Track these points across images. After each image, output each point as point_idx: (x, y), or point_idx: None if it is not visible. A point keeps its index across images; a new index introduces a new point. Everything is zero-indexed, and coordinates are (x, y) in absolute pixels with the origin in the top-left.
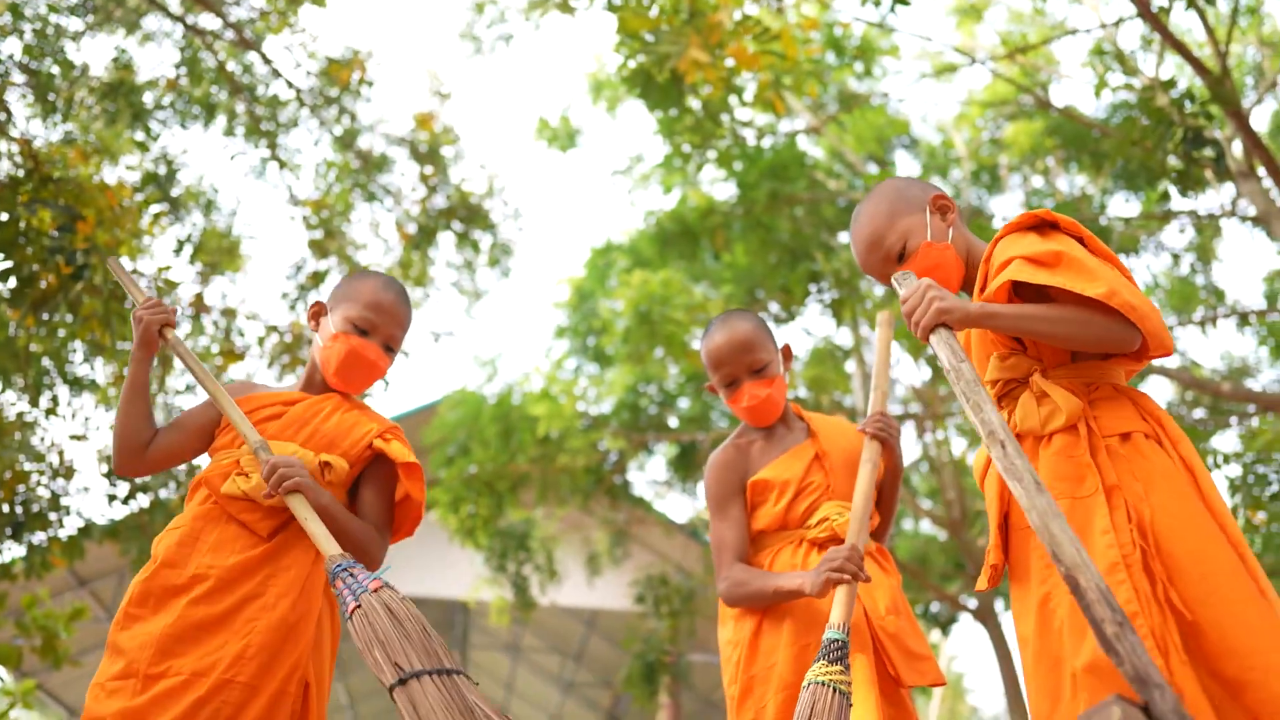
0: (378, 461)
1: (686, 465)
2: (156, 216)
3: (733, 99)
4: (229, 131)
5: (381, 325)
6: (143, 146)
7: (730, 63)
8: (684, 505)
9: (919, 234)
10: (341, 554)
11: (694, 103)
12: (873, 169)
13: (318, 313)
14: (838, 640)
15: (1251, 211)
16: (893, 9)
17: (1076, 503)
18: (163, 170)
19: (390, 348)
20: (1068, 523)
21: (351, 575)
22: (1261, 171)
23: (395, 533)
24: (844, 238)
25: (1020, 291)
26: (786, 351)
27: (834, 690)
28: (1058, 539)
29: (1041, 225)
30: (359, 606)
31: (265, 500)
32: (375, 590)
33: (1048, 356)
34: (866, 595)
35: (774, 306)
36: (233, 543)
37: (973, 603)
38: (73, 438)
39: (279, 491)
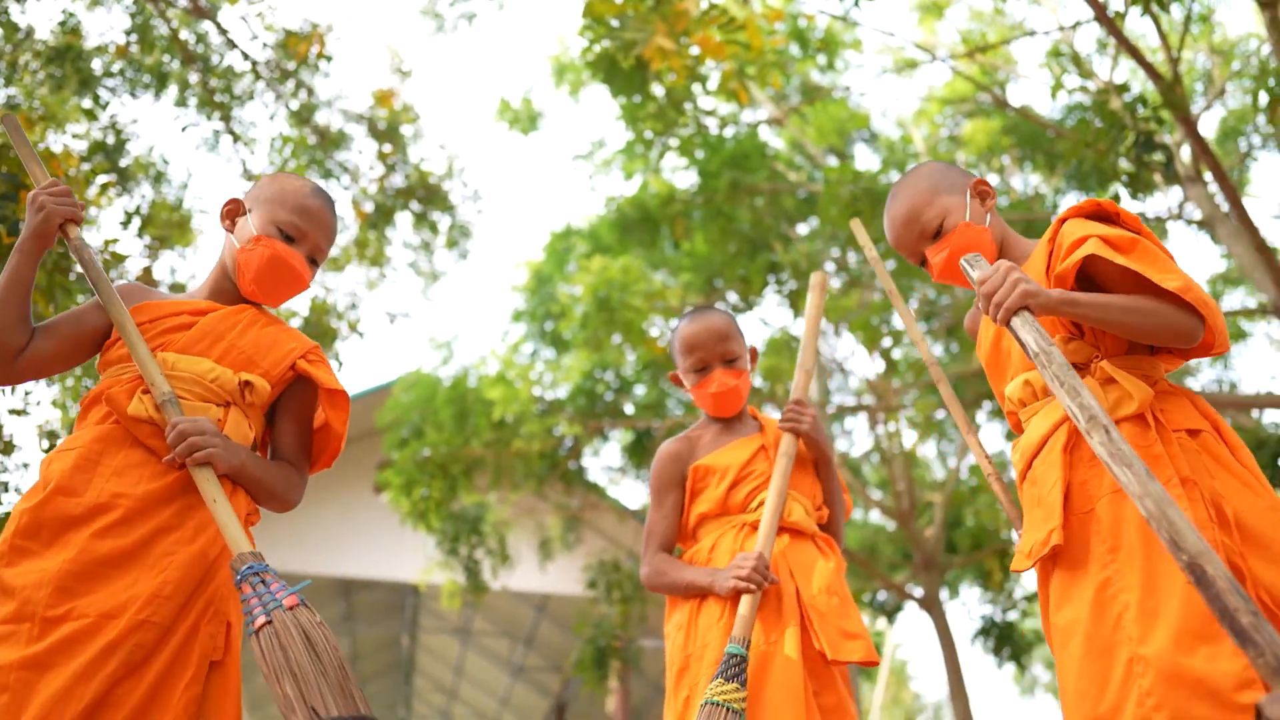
0: (297, 384)
1: (641, 452)
2: (104, 187)
3: (696, 87)
4: (181, 102)
5: (310, 233)
6: (90, 115)
7: (695, 51)
8: (638, 492)
9: (958, 214)
10: (252, 553)
11: (658, 90)
12: (833, 161)
13: (234, 211)
14: (736, 656)
15: (1197, 215)
16: (856, 3)
17: None
18: (111, 140)
19: (315, 260)
20: (1137, 513)
21: (263, 583)
22: (1208, 176)
23: (312, 465)
24: (803, 229)
25: (1085, 277)
26: (754, 353)
27: (727, 710)
28: (1178, 527)
29: (1103, 214)
30: (269, 623)
31: (165, 462)
32: (291, 608)
33: (1105, 345)
34: (802, 574)
35: (732, 296)
36: (139, 469)
37: (918, 591)
38: (12, 412)
39: (186, 462)
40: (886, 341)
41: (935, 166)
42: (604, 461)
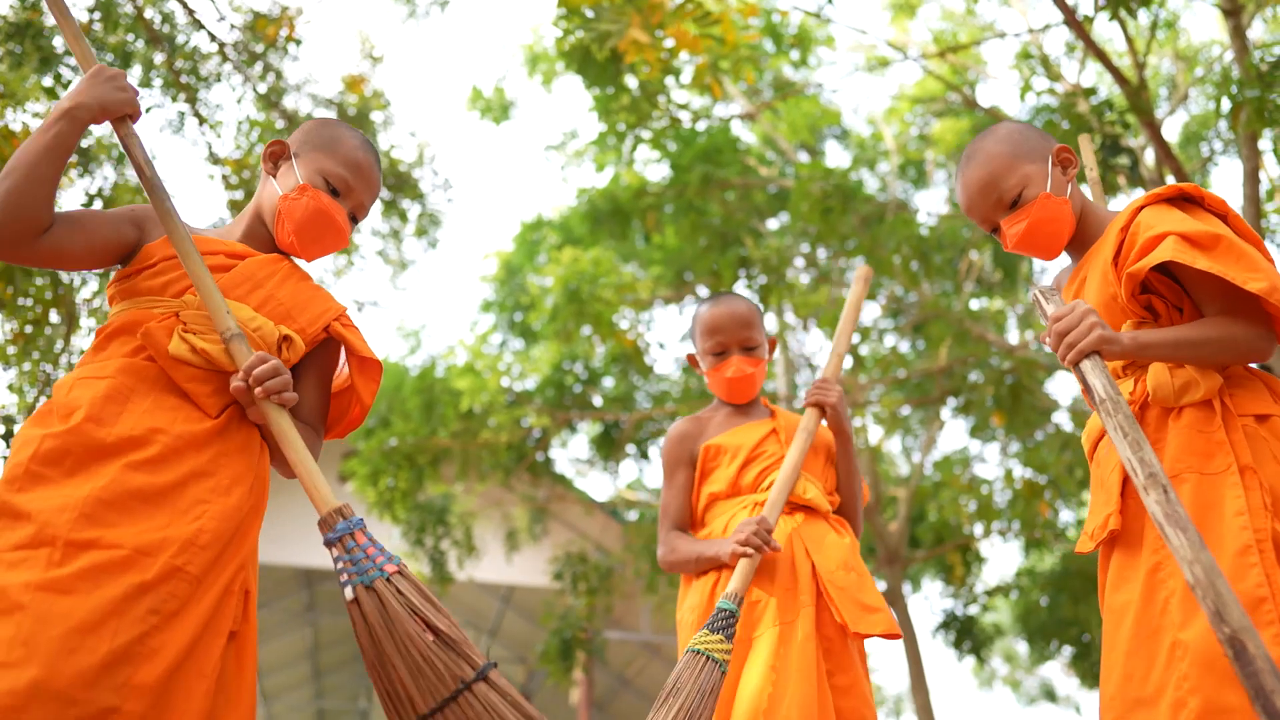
0: (324, 346)
1: (609, 444)
2: (65, 168)
3: (670, 80)
4: (145, 83)
5: (357, 189)
6: (51, 93)
7: (669, 44)
8: (605, 484)
9: (1039, 183)
10: (349, 508)
11: (631, 82)
12: (804, 157)
13: (278, 154)
14: (725, 610)
15: None
16: (830, 0)
17: (1204, 479)
18: None
19: (355, 218)
20: (1193, 499)
21: (370, 540)
22: (1170, 180)
23: (327, 431)
24: (774, 224)
25: (1162, 267)
26: (773, 342)
27: (707, 659)
28: (1224, 599)
29: (1186, 200)
30: (400, 571)
31: (235, 390)
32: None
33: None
34: (818, 552)
35: (702, 290)
36: (172, 413)
37: (882, 585)
38: None
39: (266, 399)
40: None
41: (1015, 129)
42: (571, 453)
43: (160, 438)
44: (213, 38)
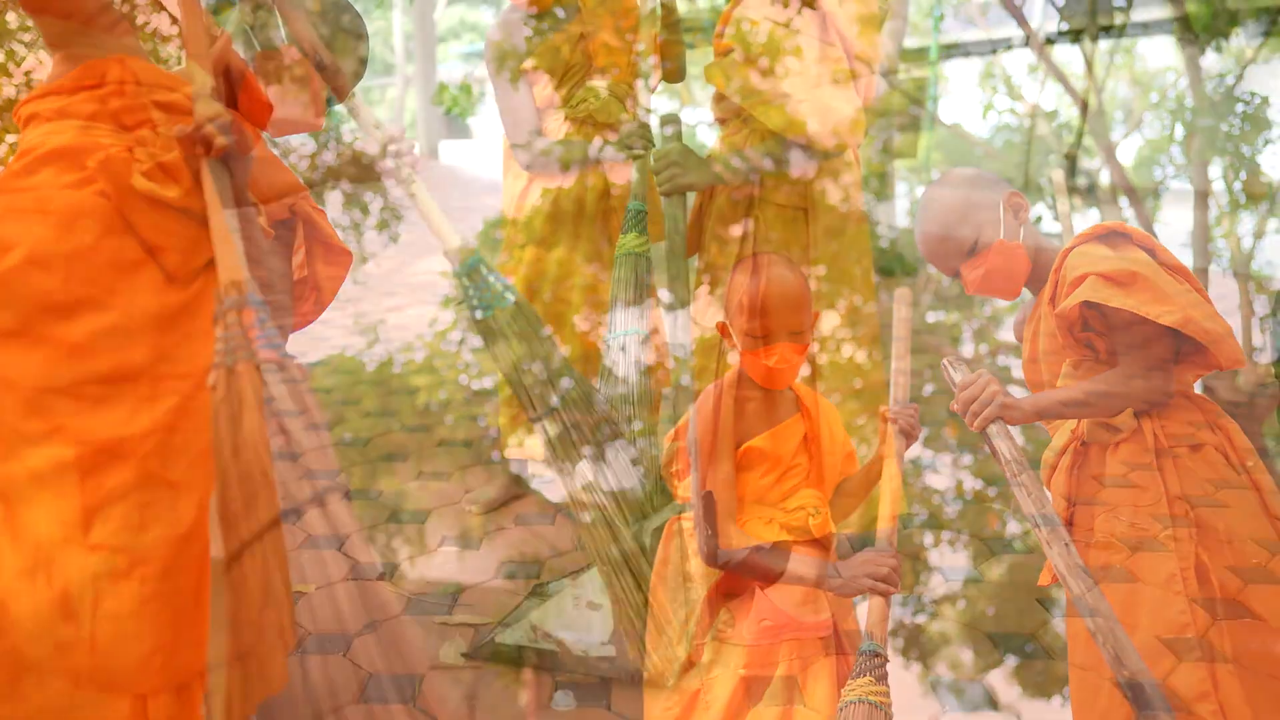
0: (282, 227)
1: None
2: (14, 146)
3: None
4: None
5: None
6: (4, 70)
7: (640, 48)
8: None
9: (992, 230)
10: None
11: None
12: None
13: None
14: (879, 655)
15: None
16: (799, 11)
17: (1137, 510)
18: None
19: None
20: (1129, 531)
21: (267, 316)
22: (1124, 202)
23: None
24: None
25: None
26: (815, 316)
27: (885, 714)
28: (1122, 644)
29: (1112, 236)
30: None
31: (182, 142)
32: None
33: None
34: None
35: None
36: (133, 273)
37: None
38: None
39: (203, 151)
40: (813, 347)
41: (966, 177)
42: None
43: (127, 319)
44: (174, 20)
